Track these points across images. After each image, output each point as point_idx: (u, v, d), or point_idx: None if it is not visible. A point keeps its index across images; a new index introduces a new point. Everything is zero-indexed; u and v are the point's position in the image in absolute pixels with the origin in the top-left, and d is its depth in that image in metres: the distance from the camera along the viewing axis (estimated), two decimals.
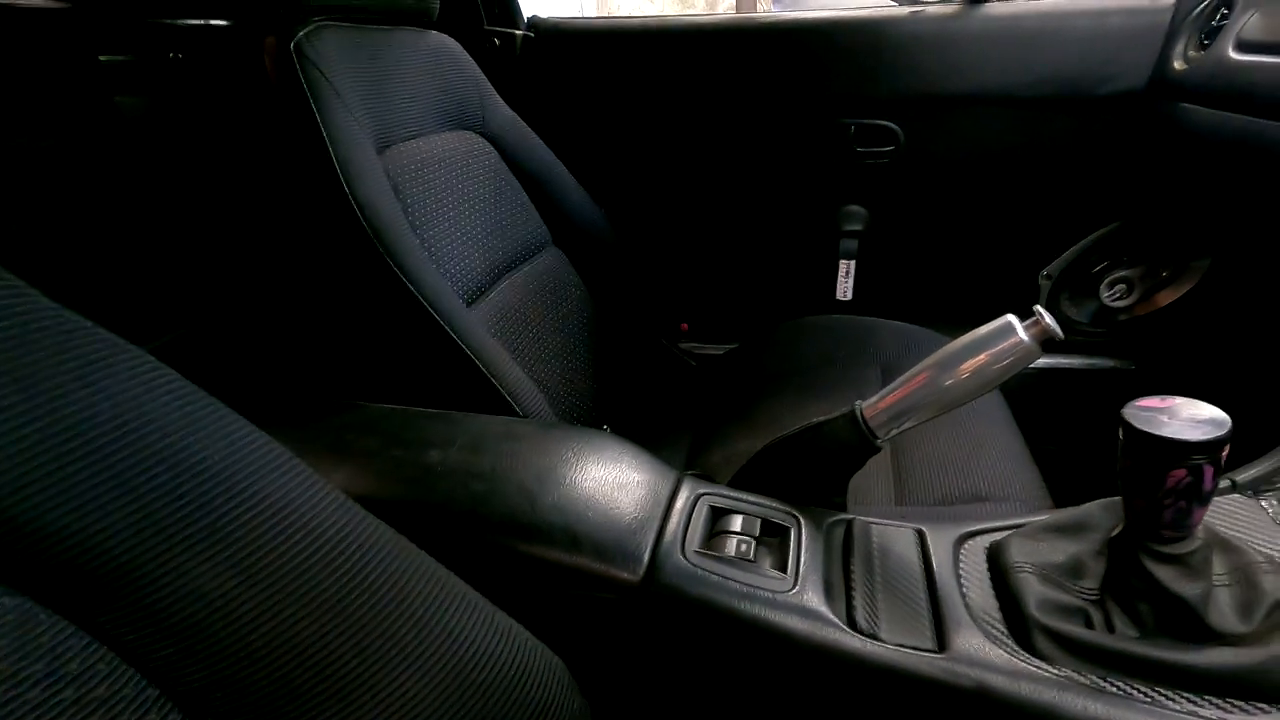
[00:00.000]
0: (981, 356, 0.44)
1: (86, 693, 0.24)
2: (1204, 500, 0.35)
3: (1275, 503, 0.45)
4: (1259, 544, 0.40)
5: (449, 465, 0.48)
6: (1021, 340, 0.43)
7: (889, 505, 0.71)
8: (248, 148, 0.98)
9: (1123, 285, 1.12)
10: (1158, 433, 0.34)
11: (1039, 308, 0.43)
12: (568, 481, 0.47)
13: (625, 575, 0.42)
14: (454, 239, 0.80)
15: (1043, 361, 0.41)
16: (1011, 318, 0.44)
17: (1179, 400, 0.36)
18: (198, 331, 0.97)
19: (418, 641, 0.31)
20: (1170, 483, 0.34)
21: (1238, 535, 0.40)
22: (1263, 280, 0.89)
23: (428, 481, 0.48)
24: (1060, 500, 0.71)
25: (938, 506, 0.69)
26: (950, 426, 0.78)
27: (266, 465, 0.30)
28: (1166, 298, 1.08)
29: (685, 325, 1.31)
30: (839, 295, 1.22)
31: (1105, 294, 1.13)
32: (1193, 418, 0.34)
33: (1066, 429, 1.10)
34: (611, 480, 0.48)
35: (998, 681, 0.36)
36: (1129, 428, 0.35)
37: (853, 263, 1.20)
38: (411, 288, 0.66)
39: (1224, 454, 0.34)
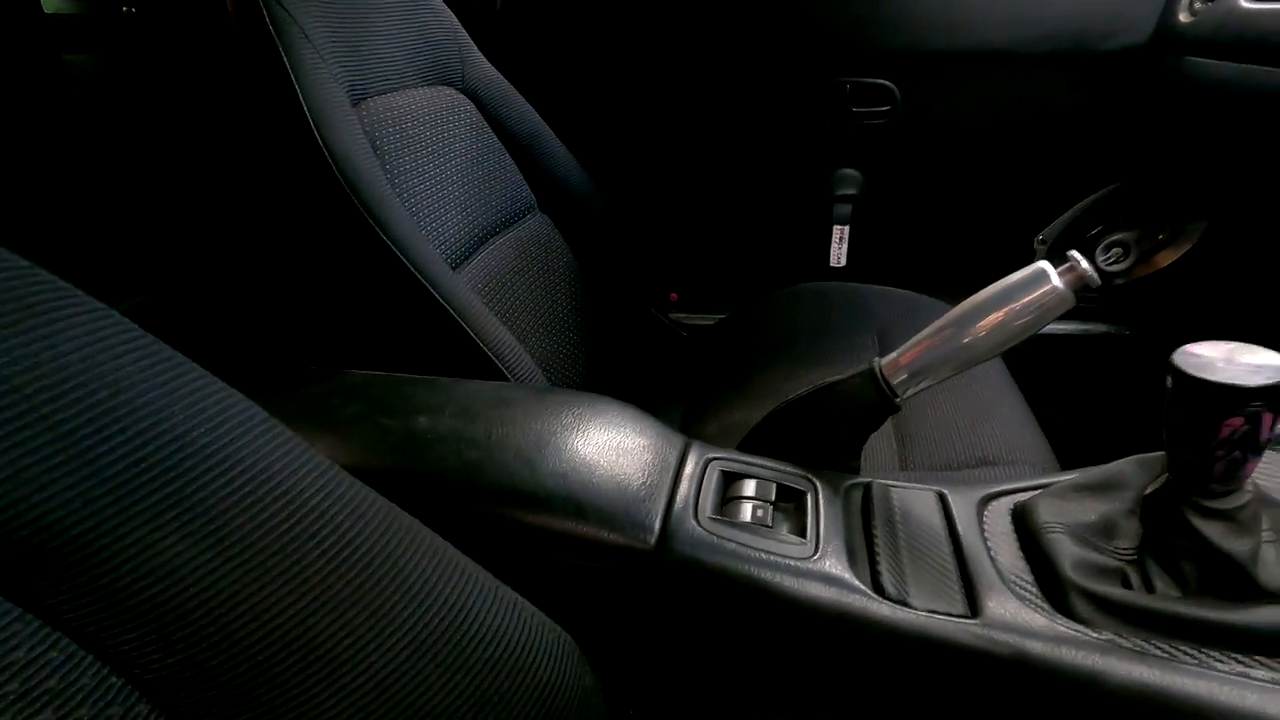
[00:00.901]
0: (1012, 306, 0.41)
1: (35, 685, 0.21)
2: (1259, 451, 0.33)
3: None
4: None
5: (440, 432, 0.45)
6: (1056, 287, 0.40)
7: (893, 471, 0.69)
8: (211, 102, 0.92)
9: (1118, 249, 1.10)
10: (1213, 379, 0.32)
11: (1074, 253, 0.41)
12: (569, 447, 0.44)
13: (636, 544, 0.39)
14: (435, 199, 0.76)
15: None
16: (1044, 264, 0.41)
17: (1231, 345, 0.33)
18: (164, 296, 0.92)
19: (415, 618, 0.28)
20: (1225, 432, 0.32)
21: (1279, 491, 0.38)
22: (1270, 237, 0.88)
23: (418, 450, 0.44)
24: (1062, 465, 0.69)
25: (944, 471, 0.67)
26: (952, 390, 0.76)
27: (240, 427, 0.27)
28: (1163, 261, 1.07)
29: (675, 295, 1.28)
30: (832, 262, 1.20)
31: (1101, 258, 1.11)
32: (1249, 363, 0.32)
33: (1060, 395, 1.09)
34: (615, 445, 0.45)
35: (1036, 648, 0.34)
36: (1180, 375, 0.33)
37: (846, 228, 1.17)
38: (393, 247, 0.62)
39: None
